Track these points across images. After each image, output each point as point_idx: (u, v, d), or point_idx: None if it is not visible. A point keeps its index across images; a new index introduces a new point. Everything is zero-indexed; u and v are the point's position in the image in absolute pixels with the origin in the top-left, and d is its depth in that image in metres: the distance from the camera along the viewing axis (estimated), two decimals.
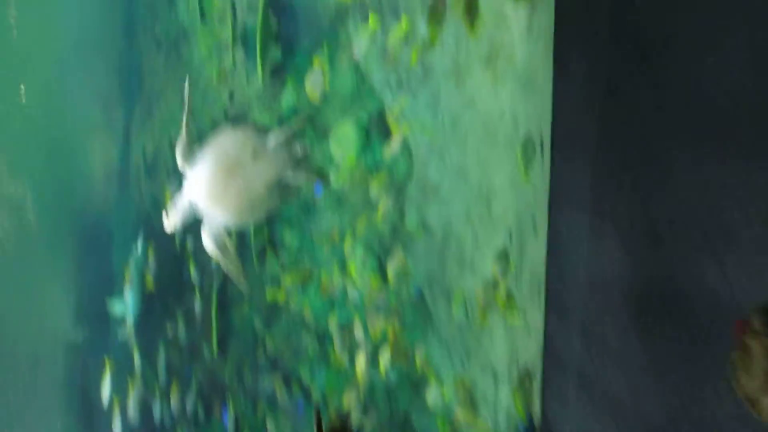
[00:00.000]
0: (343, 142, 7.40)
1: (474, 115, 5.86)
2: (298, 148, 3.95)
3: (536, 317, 4.53)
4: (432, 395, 6.72)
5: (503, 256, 4.90)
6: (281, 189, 3.78)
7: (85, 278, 10.14)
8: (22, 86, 8.69)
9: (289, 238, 8.17)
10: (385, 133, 7.28)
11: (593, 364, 3.93)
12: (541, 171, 4.44)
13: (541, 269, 4.40)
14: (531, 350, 4.70)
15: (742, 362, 1.95)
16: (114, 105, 11.04)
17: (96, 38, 10.91)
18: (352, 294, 7.47)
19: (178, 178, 3.80)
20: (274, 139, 3.72)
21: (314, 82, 7.17)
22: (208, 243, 3.71)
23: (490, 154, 5.53)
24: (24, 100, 8.90)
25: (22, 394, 8.62)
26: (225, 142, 3.58)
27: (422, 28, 6.23)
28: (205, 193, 3.59)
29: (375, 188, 6.91)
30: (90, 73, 10.83)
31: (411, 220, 7.10)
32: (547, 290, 4.33)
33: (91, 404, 8.73)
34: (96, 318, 9.99)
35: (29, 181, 8.96)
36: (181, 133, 3.60)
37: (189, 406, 8.35)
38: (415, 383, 7.33)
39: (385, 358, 6.93)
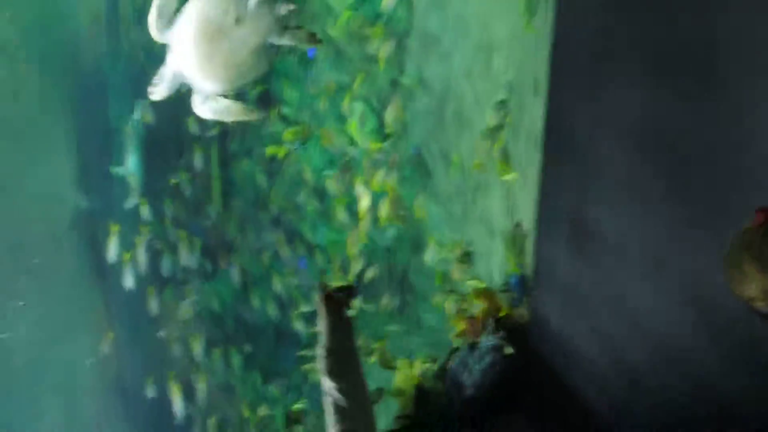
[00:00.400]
0: None
1: None
2: (282, 8, 3.67)
3: (533, 172, 4.48)
4: (429, 253, 6.87)
5: (501, 109, 4.71)
6: (269, 52, 3.52)
7: (83, 136, 10.03)
8: None
9: (288, 92, 7.99)
10: None
11: (588, 216, 3.95)
12: (544, 22, 4.19)
13: (539, 124, 4.28)
14: (526, 205, 4.71)
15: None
16: None
17: None
18: (352, 151, 7.43)
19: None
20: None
21: None
22: (203, 111, 3.58)
23: (492, 3, 5.23)
24: None
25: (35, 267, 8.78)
26: (204, 8, 3.33)
27: None
28: (190, 63, 3.41)
29: (374, 41, 6.58)
30: None
31: (410, 75, 6.88)
32: (545, 144, 4.24)
33: (103, 266, 8.93)
34: (99, 177, 10.04)
35: (16, 26, 8.57)
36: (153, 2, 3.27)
37: (195, 260, 8.54)
38: (413, 241, 7.49)
39: (384, 213, 6.99)
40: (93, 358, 8.98)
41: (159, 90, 3.51)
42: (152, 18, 3.30)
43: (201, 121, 8.05)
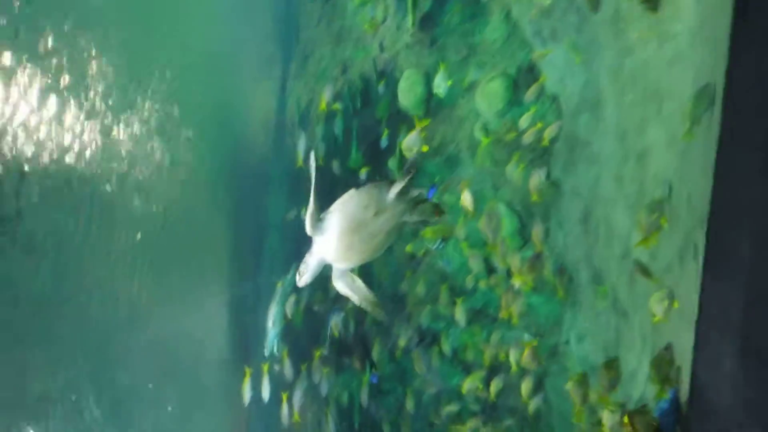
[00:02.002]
0: (489, 97, 7.17)
1: (634, 65, 5.39)
2: (416, 193, 4.17)
3: (688, 288, 4.14)
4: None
5: (656, 211, 4.35)
6: (399, 227, 4.16)
7: (242, 225, 10.84)
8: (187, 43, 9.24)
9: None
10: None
11: (757, 338, 3.53)
12: (708, 129, 3.97)
13: (700, 238, 3.97)
14: (679, 325, 4.33)
15: None
16: (273, 58, 11.48)
17: None
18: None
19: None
20: (394, 191, 3.98)
21: None
22: (340, 287, 4.21)
23: (648, 109, 5.07)
24: (190, 57, 9.43)
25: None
26: (349, 206, 3.92)
27: None
28: (334, 254, 4.00)
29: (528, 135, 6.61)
30: (250, 25, 11.31)
31: (555, 179, 6.78)
32: (706, 258, 3.90)
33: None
34: (248, 272, 10.72)
35: (197, 134, 9.53)
36: (310, 203, 3.92)
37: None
38: (550, 350, 7.12)
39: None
40: None
41: (305, 278, 4.08)
42: (308, 217, 3.94)
43: None
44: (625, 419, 4.28)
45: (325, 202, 3.97)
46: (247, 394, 7.79)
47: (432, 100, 7.96)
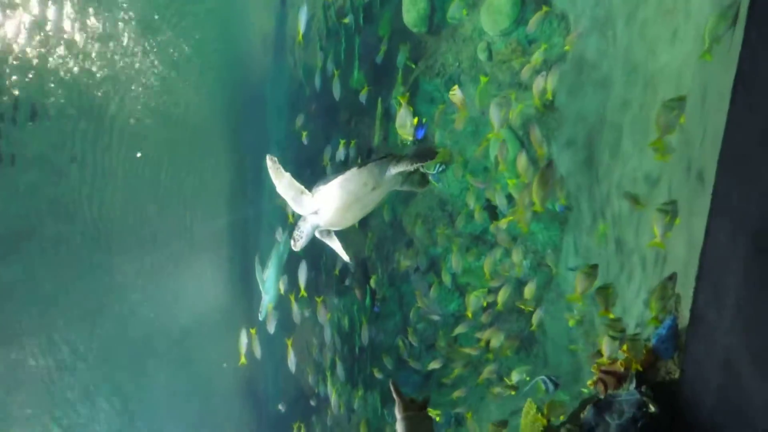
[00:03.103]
0: (494, 14, 6.82)
1: None
2: (417, 175, 4.51)
3: (698, 213, 4.04)
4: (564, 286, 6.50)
5: (675, 111, 4.09)
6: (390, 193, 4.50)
7: (245, 140, 10.69)
8: None
9: (430, 113, 7.93)
10: (543, 5, 6.61)
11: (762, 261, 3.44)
12: (728, 50, 3.74)
13: (712, 163, 3.83)
14: (683, 246, 4.25)
15: None
16: None
17: None
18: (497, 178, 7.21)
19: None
20: (395, 170, 4.22)
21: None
22: (324, 239, 4.65)
23: (662, 29, 4.80)
24: None
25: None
26: (350, 185, 4.16)
27: None
28: (328, 221, 4.32)
29: (526, 69, 6.30)
30: None
31: (561, 103, 6.56)
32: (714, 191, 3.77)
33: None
34: (252, 189, 10.62)
35: (197, 47, 9.23)
36: (288, 192, 4.30)
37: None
38: (546, 275, 7.11)
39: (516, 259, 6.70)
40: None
41: (300, 243, 4.43)
42: (292, 205, 4.29)
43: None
44: (624, 347, 4.28)
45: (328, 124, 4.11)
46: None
47: (435, 16, 7.61)
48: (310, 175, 8.81)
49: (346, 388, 8.50)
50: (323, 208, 4.23)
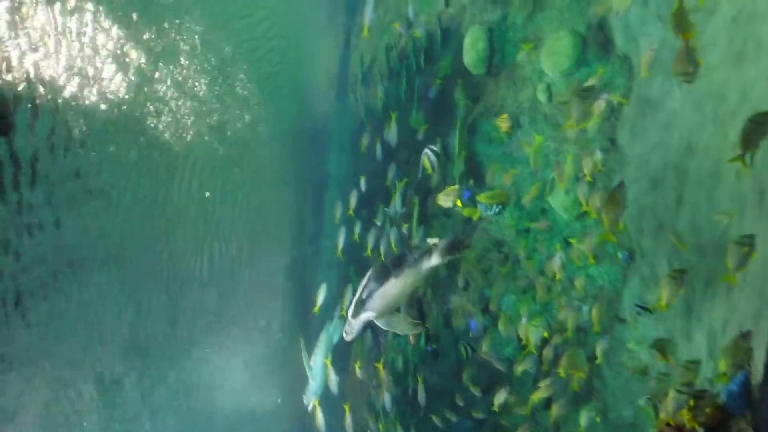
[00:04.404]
0: (555, 56, 6.77)
1: (720, 22, 4.94)
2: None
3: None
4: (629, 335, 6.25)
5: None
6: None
7: (305, 176, 10.90)
8: None
9: (488, 155, 7.90)
10: (605, 46, 6.52)
11: None
12: None
13: None
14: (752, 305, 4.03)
15: None
16: (338, 10, 11.25)
17: None
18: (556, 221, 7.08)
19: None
20: (430, 264, 4.69)
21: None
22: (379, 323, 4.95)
23: (734, 70, 4.65)
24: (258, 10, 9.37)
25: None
26: (390, 292, 4.63)
27: None
28: (375, 316, 4.79)
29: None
30: None
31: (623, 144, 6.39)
32: None
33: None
34: (313, 216, 10.79)
35: (263, 83, 9.51)
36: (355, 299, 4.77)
37: None
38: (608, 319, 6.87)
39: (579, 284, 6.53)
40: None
41: (350, 336, 4.89)
42: (353, 308, 4.71)
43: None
44: (691, 402, 4.05)
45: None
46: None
47: (494, 57, 7.63)
48: (368, 214, 8.89)
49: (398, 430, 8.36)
50: (368, 309, 4.75)
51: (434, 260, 4.63)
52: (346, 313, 4.92)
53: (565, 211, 6.86)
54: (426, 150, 7.32)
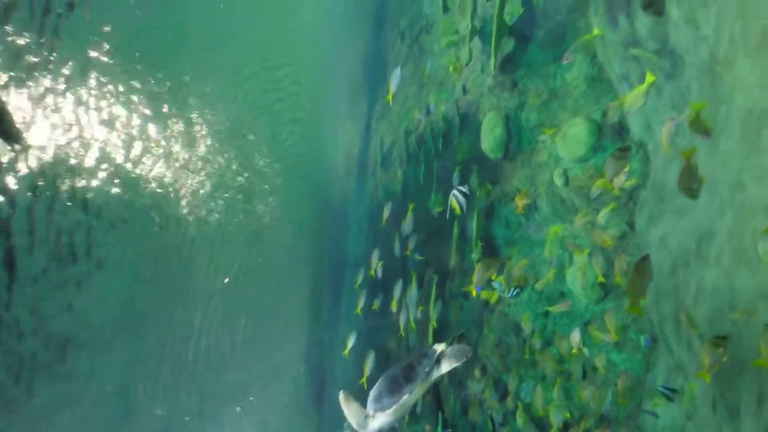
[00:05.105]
0: (571, 142, 6.85)
1: (732, 112, 4.95)
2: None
3: None
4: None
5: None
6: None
7: (324, 257, 10.93)
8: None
9: (505, 237, 7.86)
10: (620, 133, 6.58)
11: None
12: None
13: None
14: None
15: None
16: (359, 95, 11.62)
17: (346, 26, 11.58)
18: (575, 306, 6.94)
19: None
20: (437, 373, 4.60)
21: None
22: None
23: (749, 159, 4.62)
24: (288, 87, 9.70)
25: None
26: (399, 411, 4.53)
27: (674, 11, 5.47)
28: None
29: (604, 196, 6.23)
30: (340, 62, 11.52)
31: (641, 229, 6.32)
32: None
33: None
34: (332, 294, 10.74)
35: (284, 168, 9.73)
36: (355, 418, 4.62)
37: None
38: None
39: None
40: None
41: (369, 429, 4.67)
42: (356, 427, 4.57)
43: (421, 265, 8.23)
44: None
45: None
46: None
47: (511, 143, 7.74)
48: (383, 298, 8.83)
49: None
50: (377, 421, 4.66)
51: (444, 368, 4.64)
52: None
53: (584, 296, 6.74)
54: (454, 191, 7.33)
